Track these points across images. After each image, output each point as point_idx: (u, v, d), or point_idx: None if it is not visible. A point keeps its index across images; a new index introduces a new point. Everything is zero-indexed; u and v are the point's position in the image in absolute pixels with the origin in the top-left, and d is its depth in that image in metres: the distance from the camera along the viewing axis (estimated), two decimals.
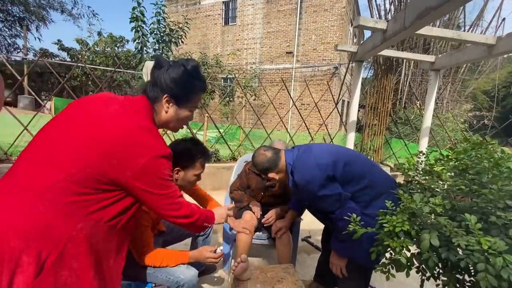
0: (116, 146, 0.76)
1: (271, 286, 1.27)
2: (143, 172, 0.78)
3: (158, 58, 0.91)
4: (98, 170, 0.74)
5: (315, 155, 1.28)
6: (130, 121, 0.80)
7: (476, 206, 0.93)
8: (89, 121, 0.79)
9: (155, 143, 0.82)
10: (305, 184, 1.24)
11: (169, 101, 0.89)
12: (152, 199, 0.84)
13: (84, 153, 0.74)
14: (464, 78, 10.97)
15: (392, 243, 0.92)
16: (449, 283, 0.96)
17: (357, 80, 3.21)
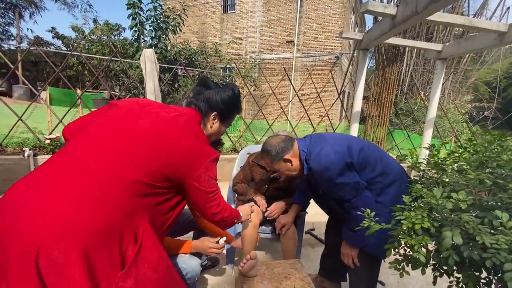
0: (189, 152, 0.87)
1: (279, 282, 1.23)
2: (202, 174, 0.89)
3: (205, 79, 1.08)
4: (167, 169, 0.83)
5: (330, 142, 1.26)
6: (193, 130, 0.92)
7: (500, 202, 0.88)
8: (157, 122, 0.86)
9: (210, 148, 0.95)
10: (323, 170, 1.21)
11: (215, 118, 1.05)
12: (201, 196, 0.93)
13: (162, 153, 0.83)
14: (466, 69, 10.86)
15: (410, 241, 0.86)
16: (469, 281, 0.91)
17: (362, 69, 3.12)
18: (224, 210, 1.03)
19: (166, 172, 0.83)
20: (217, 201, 0.99)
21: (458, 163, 1.17)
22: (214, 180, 0.95)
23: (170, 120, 0.89)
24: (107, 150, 0.79)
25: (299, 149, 1.33)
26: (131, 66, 7.17)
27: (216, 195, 0.98)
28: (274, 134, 1.95)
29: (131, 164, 0.79)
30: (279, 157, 1.32)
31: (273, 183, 1.88)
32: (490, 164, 1.07)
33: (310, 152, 1.28)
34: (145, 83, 3.21)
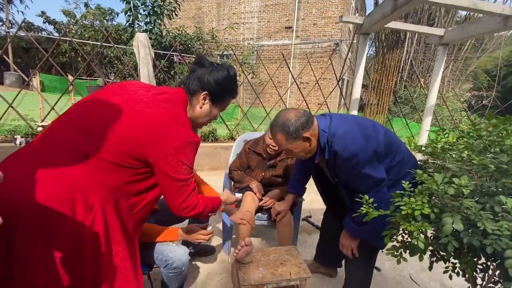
0: (155, 128, 0.79)
1: (274, 269, 1.22)
2: (171, 155, 0.81)
3: (201, 57, 1.01)
4: (133, 146, 0.78)
5: (357, 123, 1.12)
6: (171, 108, 0.85)
7: (503, 187, 0.85)
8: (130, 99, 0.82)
9: (188, 131, 0.86)
10: (349, 156, 1.04)
11: (205, 98, 0.97)
12: (169, 183, 0.85)
13: (123, 128, 0.77)
14: (467, 56, 10.72)
15: (409, 227, 0.84)
16: (467, 267, 0.90)
17: (362, 55, 3.03)
18: (196, 206, 0.94)
19: (129, 148, 0.77)
20: (187, 193, 0.89)
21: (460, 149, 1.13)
22: (188, 167, 0.86)
23: (146, 97, 0.83)
24: (69, 122, 0.79)
25: (319, 129, 1.14)
26: (125, 53, 6.98)
27: (188, 186, 0.89)
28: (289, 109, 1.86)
29: (88, 136, 0.76)
30: (298, 135, 1.10)
31: (270, 171, 1.84)
32: (493, 150, 1.04)
33: (334, 133, 1.10)
34: (139, 69, 3.11)
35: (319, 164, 1.30)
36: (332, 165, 1.14)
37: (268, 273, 1.19)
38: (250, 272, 1.19)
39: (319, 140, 1.14)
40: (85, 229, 0.71)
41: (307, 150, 1.15)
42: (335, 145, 1.08)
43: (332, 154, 1.10)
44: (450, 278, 1.09)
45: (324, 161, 1.20)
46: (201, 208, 0.96)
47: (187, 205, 0.90)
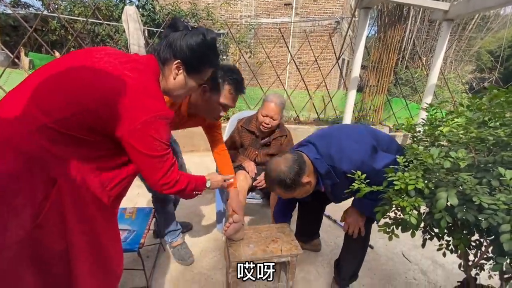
0: (118, 98, 0.70)
1: (265, 245, 1.21)
2: (139, 131, 0.73)
3: (175, 19, 0.88)
4: (93, 119, 0.69)
5: (339, 134, 1.13)
6: (139, 78, 0.75)
7: (501, 161, 0.81)
8: (92, 67, 0.73)
9: (158, 104, 0.77)
10: (360, 166, 1.04)
11: (179, 68, 0.85)
12: (143, 160, 0.78)
13: (82, 99, 0.69)
14: (471, 36, 10.40)
15: (402, 203, 0.81)
16: (460, 243, 0.88)
17: (363, 30, 2.90)
18: (177, 183, 0.87)
19: (90, 121, 0.69)
20: (165, 169, 0.82)
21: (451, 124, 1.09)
22: (161, 143, 0.78)
23: (112, 65, 0.73)
24: (23, 91, 0.70)
25: (311, 159, 1.11)
26: (117, 30, 6.70)
27: (164, 163, 0.81)
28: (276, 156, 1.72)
29: (42, 107, 0.68)
30: (297, 184, 1.06)
31: (263, 149, 1.80)
32: (493, 123, 0.99)
33: (330, 156, 1.08)
34: (129, 45, 2.97)
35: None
36: (344, 183, 1.09)
37: (259, 249, 1.17)
38: (241, 249, 1.17)
39: (317, 170, 1.11)
40: (47, 205, 0.65)
41: (309, 190, 1.15)
42: (341, 165, 1.07)
43: (342, 176, 1.08)
44: (443, 255, 1.08)
45: (328, 186, 1.17)
46: (183, 184, 0.89)
47: (166, 181, 0.83)
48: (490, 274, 1.00)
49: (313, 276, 1.56)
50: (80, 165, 0.70)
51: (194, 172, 2.39)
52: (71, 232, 0.69)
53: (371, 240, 1.86)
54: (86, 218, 0.72)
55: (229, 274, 1.15)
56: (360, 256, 1.35)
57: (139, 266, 1.36)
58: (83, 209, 0.71)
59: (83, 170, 0.71)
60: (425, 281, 1.58)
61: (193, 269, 1.57)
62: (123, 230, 1.34)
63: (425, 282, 1.58)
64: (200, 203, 2.27)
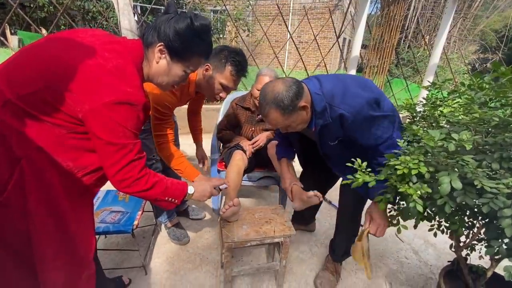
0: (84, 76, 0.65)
1: (259, 226, 1.20)
2: (99, 112, 0.66)
3: (169, 3, 0.83)
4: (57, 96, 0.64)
5: (347, 78, 1.05)
6: (114, 58, 0.70)
7: (503, 142, 0.78)
8: (66, 44, 0.69)
9: (129, 87, 0.70)
10: (359, 111, 0.97)
11: (162, 51, 0.80)
12: (99, 146, 0.70)
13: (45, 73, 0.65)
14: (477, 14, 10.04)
15: (408, 190, 0.77)
16: (459, 227, 0.87)
17: (364, 5, 2.75)
18: (136, 182, 0.75)
19: (55, 100, 0.64)
20: (124, 162, 0.71)
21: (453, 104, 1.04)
22: (125, 129, 0.70)
23: (91, 45, 0.69)
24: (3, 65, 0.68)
25: (311, 93, 1.04)
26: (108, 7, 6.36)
27: (125, 154, 0.71)
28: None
29: (9, 82, 0.64)
30: (294, 106, 0.98)
31: (260, 125, 1.77)
32: (494, 104, 0.95)
33: (331, 94, 1.01)
34: (119, 22, 2.81)
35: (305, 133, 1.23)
36: (336, 129, 1.04)
37: (252, 230, 1.17)
38: (234, 230, 1.17)
39: (314, 106, 1.03)
40: (11, 183, 0.63)
41: (305, 120, 1.05)
42: (339, 108, 0.98)
43: (337, 119, 1.01)
44: (434, 235, 1.08)
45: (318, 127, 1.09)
46: (146, 185, 0.77)
47: (122, 177, 0.73)
48: (481, 255, 1.01)
49: (307, 255, 1.59)
50: (46, 146, 0.66)
51: (189, 153, 2.36)
52: (33, 213, 0.66)
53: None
54: (50, 201, 0.69)
55: (223, 254, 1.15)
56: (352, 233, 1.36)
57: (134, 247, 1.36)
58: (48, 192, 0.68)
59: (50, 152, 0.67)
60: (416, 260, 1.61)
61: (188, 249, 1.58)
62: (116, 211, 1.33)
63: (416, 261, 1.61)
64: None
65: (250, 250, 1.58)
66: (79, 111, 0.65)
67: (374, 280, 1.45)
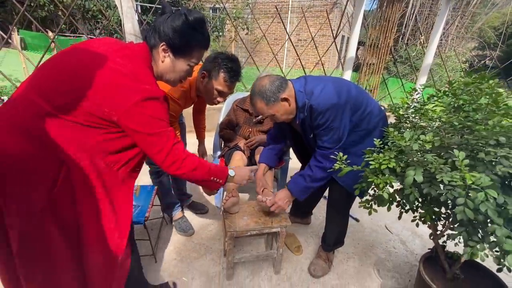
0: (109, 86, 0.76)
1: (258, 218, 1.34)
2: (132, 110, 0.77)
3: (164, 4, 0.91)
4: (89, 105, 0.75)
5: (332, 81, 1.18)
6: (128, 64, 0.80)
7: (466, 143, 0.91)
8: (88, 57, 0.79)
9: (148, 85, 0.80)
10: (325, 110, 1.12)
11: (165, 50, 0.88)
12: (142, 139, 0.81)
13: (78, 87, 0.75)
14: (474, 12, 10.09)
15: (376, 180, 0.92)
16: (426, 215, 1.01)
17: (361, 3, 2.85)
18: (185, 161, 0.88)
19: (89, 107, 0.75)
20: (168, 147, 0.84)
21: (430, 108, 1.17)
22: (158, 120, 0.81)
23: (106, 54, 0.79)
24: (30, 80, 0.79)
25: (295, 90, 1.19)
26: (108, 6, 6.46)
27: (166, 141, 0.83)
28: (260, 76, 1.86)
29: (44, 95, 0.75)
30: (276, 98, 1.15)
31: (257, 126, 1.90)
32: (466, 108, 1.08)
33: (311, 91, 1.16)
34: (123, 24, 2.92)
35: (294, 127, 1.37)
36: (308, 121, 1.20)
37: (252, 221, 1.31)
38: (236, 221, 1.30)
39: (297, 102, 1.18)
40: (59, 182, 0.74)
41: (288, 111, 1.20)
42: (312, 101, 1.14)
43: (308, 110, 1.16)
44: (417, 225, 1.22)
45: (300, 120, 1.24)
46: (193, 164, 0.91)
47: (172, 160, 0.85)
48: (456, 242, 1.15)
49: (303, 245, 1.73)
50: (87, 148, 0.77)
51: (192, 151, 2.49)
52: (78, 204, 0.78)
53: (357, 214, 2.03)
54: (92, 194, 0.80)
55: (226, 242, 1.29)
56: (341, 225, 1.50)
57: (145, 237, 1.50)
58: (90, 185, 0.79)
59: (91, 152, 0.78)
60: (403, 250, 1.75)
61: (193, 239, 1.72)
62: None
63: (403, 250, 1.75)
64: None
65: (250, 240, 1.71)
66: (113, 115, 0.77)
67: (363, 268, 1.59)
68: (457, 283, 1.19)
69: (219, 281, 1.43)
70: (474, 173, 0.74)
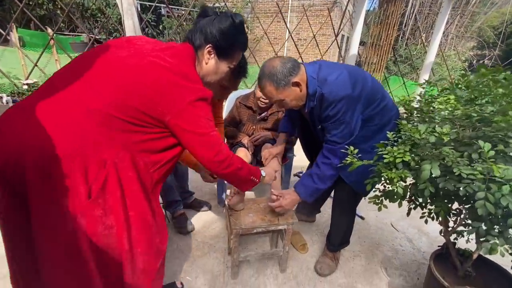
0: (165, 84, 0.75)
1: (264, 215, 1.31)
2: (185, 110, 0.78)
3: (205, 7, 0.92)
4: (141, 102, 0.74)
5: (348, 70, 1.11)
6: (180, 63, 0.80)
7: (482, 136, 0.88)
8: (137, 53, 0.78)
9: (199, 85, 0.82)
10: (336, 100, 1.05)
11: (210, 52, 0.89)
12: (191, 138, 0.82)
13: (131, 83, 0.74)
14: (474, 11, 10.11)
15: (390, 174, 0.88)
16: (440, 211, 0.97)
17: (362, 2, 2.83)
18: (232, 159, 0.90)
19: (140, 107, 0.74)
20: (217, 147, 0.85)
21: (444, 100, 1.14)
22: (207, 120, 0.82)
23: (153, 52, 0.77)
24: (73, 73, 0.75)
25: (307, 75, 1.11)
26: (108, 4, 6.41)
27: (215, 141, 0.85)
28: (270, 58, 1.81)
29: (94, 89, 0.73)
30: (286, 81, 1.07)
31: (260, 124, 1.86)
32: (480, 101, 1.05)
33: (325, 78, 1.07)
34: (123, 22, 2.89)
35: (304, 115, 1.31)
36: (318, 111, 1.14)
37: (258, 218, 1.27)
38: (241, 218, 1.27)
39: (308, 88, 1.11)
40: (99, 185, 0.71)
41: (298, 97, 1.13)
42: (324, 88, 1.07)
43: (318, 98, 1.09)
44: (425, 222, 1.18)
45: (309, 109, 1.18)
46: (238, 163, 0.93)
47: (221, 158, 0.86)
48: (467, 239, 1.12)
49: (308, 243, 1.69)
50: (128, 147, 0.75)
51: None
52: (118, 207, 0.74)
53: (362, 212, 2.00)
54: (131, 196, 0.77)
55: (231, 240, 1.26)
56: (347, 225, 1.46)
57: None
58: (130, 188, 0.76)
59: (132, 152, 0.76)
60: (410, 248, 1.72)
61: (197, 238, 1.68)
62: None
63: (410, 248, 1.72)
64: (200, 178, 2.36)
65: (255, 239, 1.68)
66: (166, 114, 0.76)
67: (370, 266, 1.56)
68: (469, 280, 1.16)
69: (224, 279, 1.39)
70: (501, 165, 0.71)
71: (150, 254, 0.85)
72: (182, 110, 0.77)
